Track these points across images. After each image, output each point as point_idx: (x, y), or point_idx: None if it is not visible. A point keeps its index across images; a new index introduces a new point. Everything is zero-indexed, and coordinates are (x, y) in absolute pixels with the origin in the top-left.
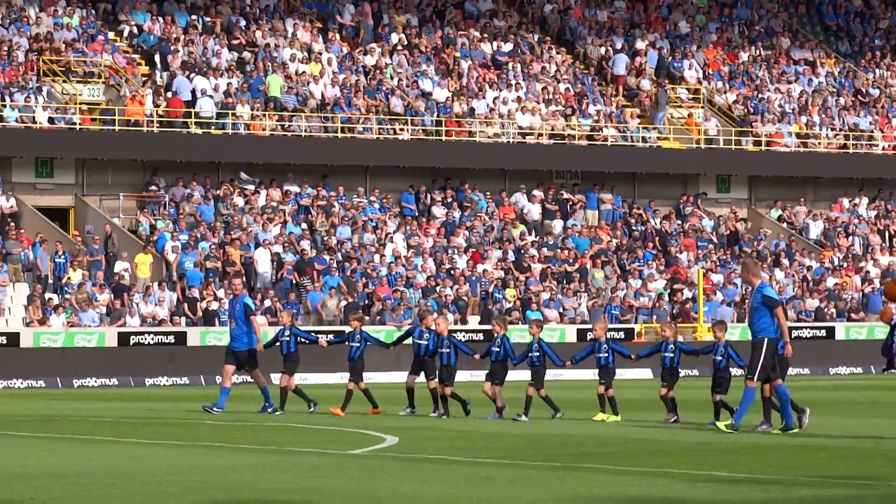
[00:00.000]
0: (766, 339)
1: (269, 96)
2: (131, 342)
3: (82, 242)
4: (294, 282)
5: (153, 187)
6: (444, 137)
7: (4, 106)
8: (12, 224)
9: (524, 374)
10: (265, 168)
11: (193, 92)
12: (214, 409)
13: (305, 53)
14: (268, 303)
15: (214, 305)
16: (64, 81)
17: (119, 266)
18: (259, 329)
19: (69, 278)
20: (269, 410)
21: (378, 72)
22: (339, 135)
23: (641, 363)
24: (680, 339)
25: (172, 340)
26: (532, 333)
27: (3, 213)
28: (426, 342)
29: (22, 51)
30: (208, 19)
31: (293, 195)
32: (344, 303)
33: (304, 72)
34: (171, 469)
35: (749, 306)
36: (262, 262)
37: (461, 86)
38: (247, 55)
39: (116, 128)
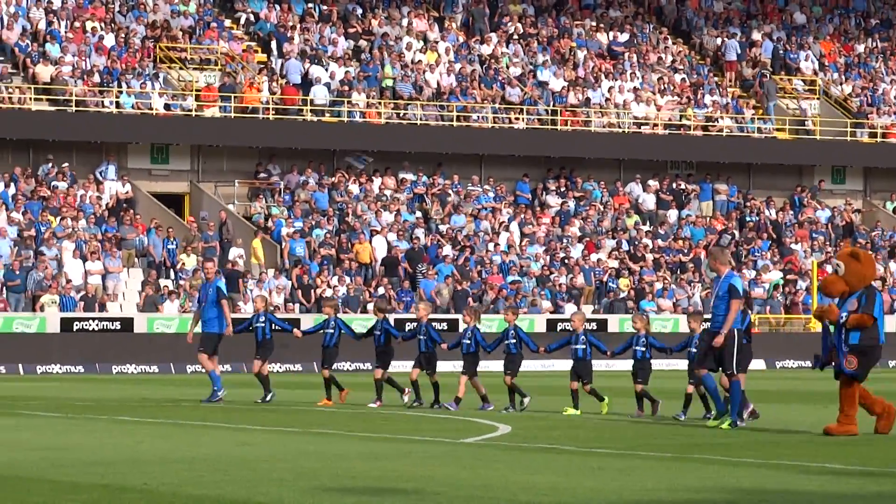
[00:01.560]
0: (734, 330)
1: (384, 85)
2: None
3: (197, 228)
4: (407, 270)
5: (265, 174)
6: (559, 127)
7: (121, 92)
8: (128, 210)
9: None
10: (380, 156)
11: (309, 79)
12: (212, 399)
13: (421, 42)
14: (381, 290)
15: (328, 293)
16: (180, 68)
17: (233, 252)
18: (229, 314)
19: (183, 264)
20: (219, 396)
21: (494, 61)
22: (455, 123)
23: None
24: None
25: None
26: (507, 321)
27: (119, 198)
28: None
29: (139, 38)
30: (325, 7)
31: (408, 183)
32: (454, 290)
33: (419, 60)
34: (283, 456)
35: (714, 294)
36: (377, 249)
37: (577, 75)
38: (363, 43)
39: (232, 114)
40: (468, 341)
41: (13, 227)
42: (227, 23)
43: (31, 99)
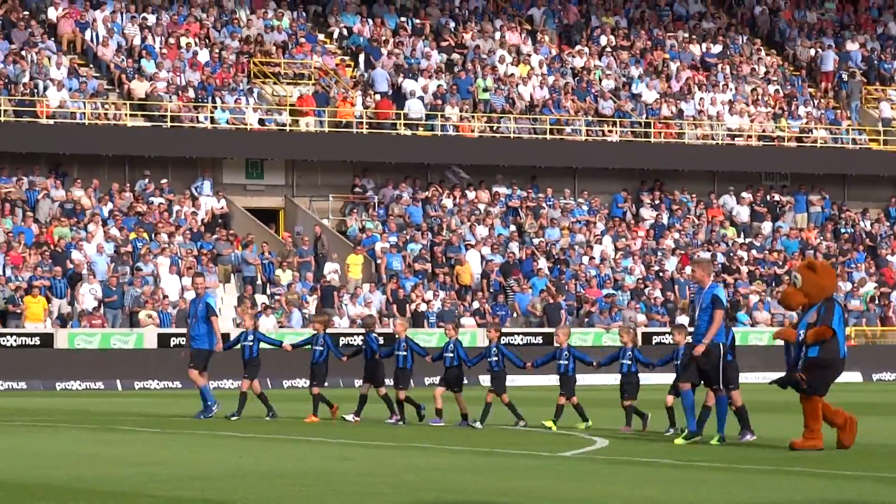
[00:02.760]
0: (720, 344)
1: (477, 98)
2: (340, 343)
3: (292, 244)
4: (501, 284)
5: (359, 189)
6: (652, 139)
7: (216, 108)
8: (223, 225)
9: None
10: (474, 170)
11: (402, 93)
12: (208, 414)
13: (514, 55)
14: (476, 304)
15: (423, 307)
16: (274, 83)
17: (328, 267)
18: (219, 331)
19: (278, 279)
20: (212, 412)
21: (586, 73)
22: (548, 136)
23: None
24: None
25: (381, 342)
26: (490, 338)
27: (214, 213)
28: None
29: (233, 53)
30: (417, 21)
31: (502, 197)
32: (549, 303)
33: (512, 73)
34: (383, 470)
35: (699, 307)
36: (472, 263)
37: (670, 87)
38: (455, 57)
39: (326, 129)
40: (451, 354)
41: (110, 244)
42: (321, 37)
43: (126, 115)
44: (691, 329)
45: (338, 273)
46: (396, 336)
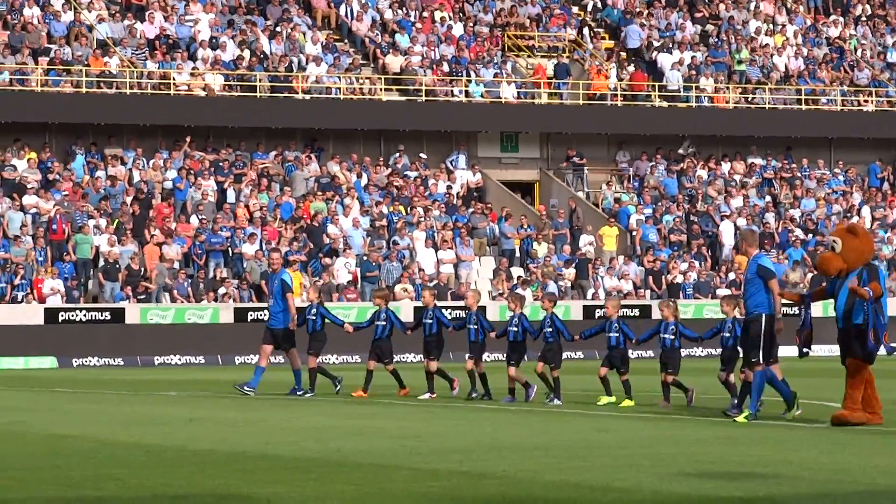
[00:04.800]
0: (763, 315)
1: (733, 69)
2: (595, 315)
3: (547, 216)
4: None
5: (614, 161)
6: None
7: (470, 81)
8: (479, 198)
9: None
10: (728, 141)
11: (657, 66)
12: (246, 387)
13: (769, 25)
14: (731, 276)
15: (679, 279)
16: (528, 56)
17: (583, 240)
18: (293, 307)
19: (535, 252)
20: (299, 394)
21: (842, 43)
22: (803, 107)
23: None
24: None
25: (637, 314)
26: (545, 308)
27: (469, 187)
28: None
29: (486, 26)
30: None
31: (757, 168)
32: (809, 275)
33: (767, 44)
34: (640, 441)
35: (744, 278)
36: (726, 234)
37: None
38: (710, 28)
39: (581, 102)
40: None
41: (366, 218)
42: (574, 10)
43: (381, 90)
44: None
45: (593, 245)
46: (468, 309)
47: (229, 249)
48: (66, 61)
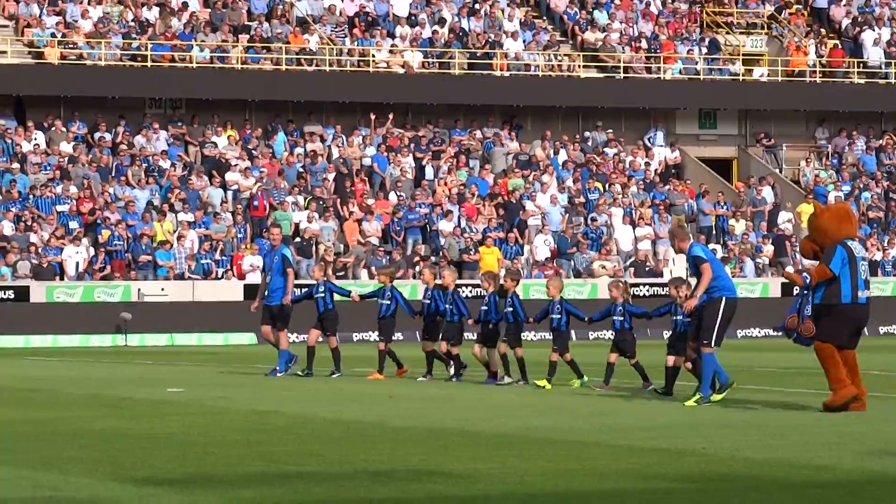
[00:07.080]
0: (723, 298)
1: None
2: (793, 293)
3: (745, 193)
4: None
5: (813, 138)
6: None
7: (668, 58)
8: (676, 175)
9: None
10: None
11: (857, 42)
12: (279, 373)
13: None
14: None
15: (878, 256)
16: (727, 33)
17: (782, 217)
18: (292, 284)
19: (732, 228)
20: (279, 374)
21: None
22: None
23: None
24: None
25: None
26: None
27: (668, 164)
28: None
29: (685, 3)
30: None
31: None
32: None
33: None
34: (834, 419)
35: (689, 273)
36: None
37: None
38: None
39: (780, 78)
40: (485, 307)
41: (563, 195)
42: None
43: (579, 66)
44: (692, 281)
45: (791, 223)
46: (445, 287)
47: (427, 226)
48: (266, 38)
